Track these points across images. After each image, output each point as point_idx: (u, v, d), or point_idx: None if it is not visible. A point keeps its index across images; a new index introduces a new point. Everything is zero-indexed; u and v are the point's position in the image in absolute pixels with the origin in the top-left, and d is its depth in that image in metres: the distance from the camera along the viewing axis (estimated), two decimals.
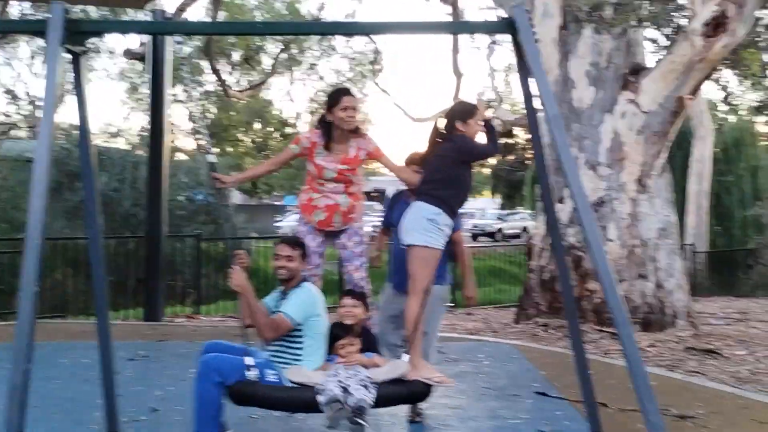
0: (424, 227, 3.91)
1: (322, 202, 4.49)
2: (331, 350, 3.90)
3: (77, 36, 3.64)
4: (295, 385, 3.73)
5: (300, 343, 3.85)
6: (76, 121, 3.95)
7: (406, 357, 3.87)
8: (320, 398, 3.55)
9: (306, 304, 3.90)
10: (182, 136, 38.65)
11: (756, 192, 20.99)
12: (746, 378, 6.36)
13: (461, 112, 4.14)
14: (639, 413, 3.31)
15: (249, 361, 3.70)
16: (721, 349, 7.57)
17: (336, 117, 4.40)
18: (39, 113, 3.70)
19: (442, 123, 4.21)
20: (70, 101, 15.93)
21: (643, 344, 7.59)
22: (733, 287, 17.49)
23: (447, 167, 4.01)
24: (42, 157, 3.29)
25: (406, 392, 3.81)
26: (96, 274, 4.09)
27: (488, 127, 4.12)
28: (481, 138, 4.14)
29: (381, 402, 3.68)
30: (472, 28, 4.62)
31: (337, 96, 4.47)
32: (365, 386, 3.58)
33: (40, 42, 23.90)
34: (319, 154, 4.48)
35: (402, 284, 4.17)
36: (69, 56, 3.70)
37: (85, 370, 5.92)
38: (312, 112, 35.01)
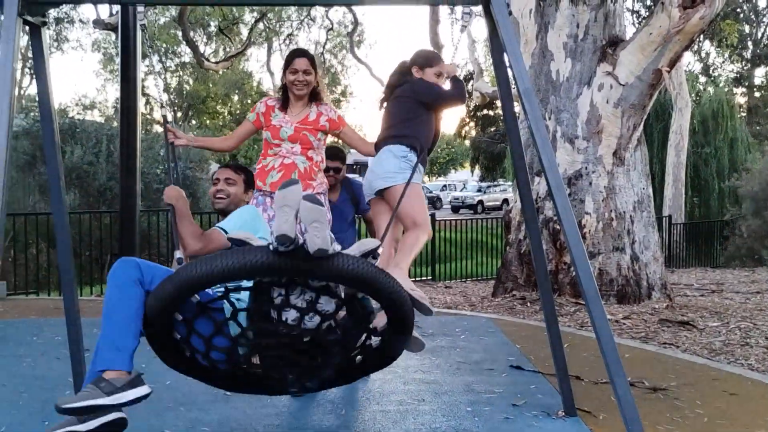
0: (399, 166, 3.64)
1: (277, 163, 4.21)
2: None
3: (35, 6, 3.53)
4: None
5: None
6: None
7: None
8: (272, 239, 2.52)
9: (247, 222, 3.26)
10: (159, 108, 38.18)
11: (733, 164, 21.16)
12: (719, 350, 6.42)
13: (420, 57, 3.99)
14: (611, 386, 3.32)
15: (178, 254, 3.10)
16: (695, 320, 7.63)
17: (287, 79, 4.23)
18: None
19: (401, 68, 4.03)
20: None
21: (618, 317, 7.64)
22: (710, 258, 17.70)
23: (405, 110, 3.80)
24: (1, 133, 3.20)
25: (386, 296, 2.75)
26: (62, 251, 4.01)
27: (455, 80, 3.97)
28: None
29: (355, 281, 2.66)
30: None
31: (288, 58, 4.28)
32: (323, 231, 2.56)
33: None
34: (275, 116, 4.28)
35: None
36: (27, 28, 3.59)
37: (57, 347, 5.85)
38: None
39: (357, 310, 2.78)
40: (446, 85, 4.00)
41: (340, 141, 4.77)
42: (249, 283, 2.72)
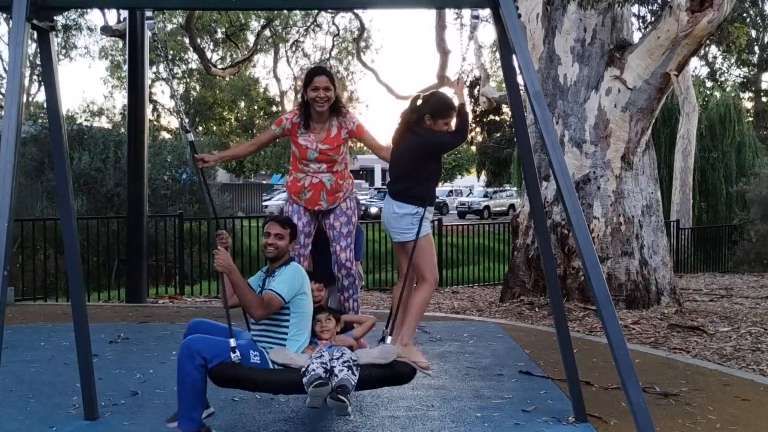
0: (411, 223, 4.00)
1: (308, 181, 4.50)
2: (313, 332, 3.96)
3: (44, 11, 3.53)
4: (278, 367, 3.72)
5: (286, 322, 3.86)
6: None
7: (389, 339, 3.84)
8: (304, 379, 3.54)
9: (293, 282, 3.87)
10: (166, 114, 38.26)
11: (741, 168, 21.03)
12: (730, 355, 6.37)
13: (435, 108, 4.04)
14: (622, 391, 3.29)
15: (232, 343, 3.67)
16: (705, 325, 7.58)
17: (308, 97, 4.40)
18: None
19: (414, 107, 4.10)
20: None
21: (627, 322, 7.59)
22: (718, 263, 17.60)
23: (416, 163, 4.02)
24: (9, 139, 3.19)
25: (392, 374, 3.79)
26: (70, 256, 4.00)
27: (462, 115, 4.03)
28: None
29: (364, 383, 3.69)
30: (453, 2, 4.52)
31: (308, 76, 4.45)
32: (349, 367, 3.60)
33: None
34: (301, 134, 4.49)
35: None
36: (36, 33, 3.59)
37: (65, 353, 5.84)
38: (297, 90, 34.78)
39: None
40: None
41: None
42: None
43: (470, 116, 4.23)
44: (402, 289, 4.02)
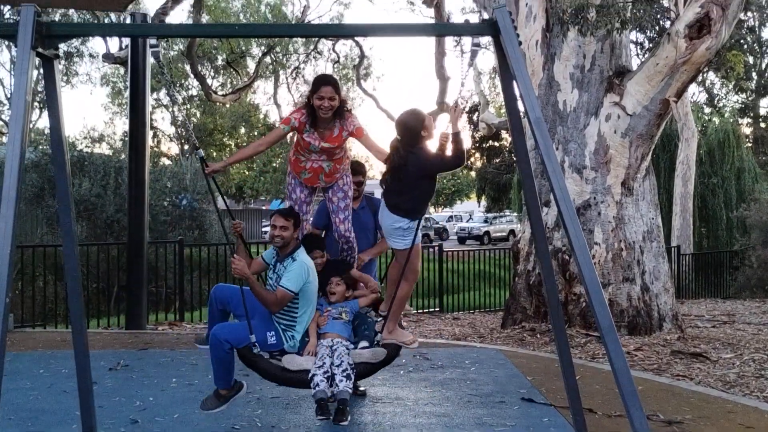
0: (402, 234, 4.39)
1: (308, 165, 4.90)
2: (322, 289, 4.61)
3: (49, 39, 3.55)
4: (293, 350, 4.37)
5: (296, 307, 4.38)
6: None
7: (380, 335, 4.43)
8: (311, 392, 4.13)
9: (300, 276, 4.36)
10: (166, 140, 38.36)
11: (741, 194, 21.05)
12: (733, 382, 6.32)
13: (418, 123, 4.30)
14: (626, 419, 3.25)
15: (252, 338, 4.22)
16: (708, 352, 7.54)
17: (314, 104, 4.67)
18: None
19: (404, 130, 4.35)
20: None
21: (629, 348, 7.55)
22: (720, 289, 17.53)
23: (410, 181, 4.28)
24: (13, 165, 3.20)
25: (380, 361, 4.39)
26: (71, 283, 3.98)
27: (457, 142, 4.12)
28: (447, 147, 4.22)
29: (359, 374, 4.33)
30: (454, 30, 4.57)
31: (315, 84, 4.74)
32: (347, 376, 4.16)
33: None
34: (306, 131, 4.78)
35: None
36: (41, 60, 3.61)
37: (64, 380, 5.81)
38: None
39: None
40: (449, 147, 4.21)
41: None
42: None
43: (467, 142, 4.39)
44: (399, 277, 4.40)
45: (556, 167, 3.52)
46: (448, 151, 4.18)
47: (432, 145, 4.33)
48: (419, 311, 12.32)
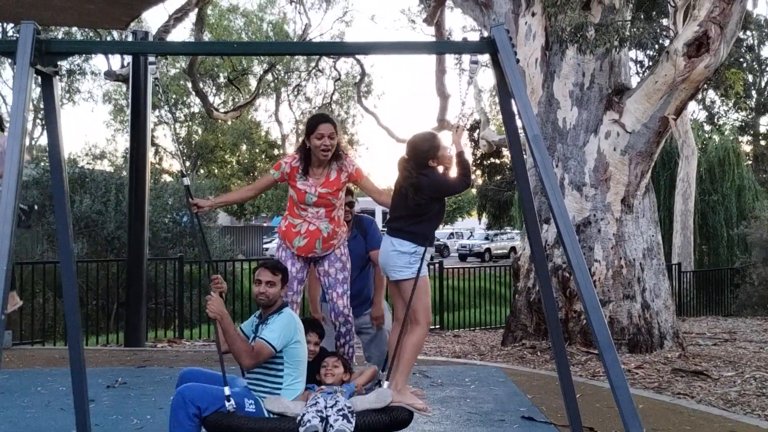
0: (408, 262, 3.98)
1: (303, 228, 4.37)
2: (312, 378, 3.90)
3: (48, 56, 3.56)
4: (273, 416, 3.66)
5: (280, 370, 3.77)
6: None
7: (386, 384, 3.79)
8: (300, 429, 3.47)
9: (286, 331, 3.78)
10: (168, 157, 38.47)
11: (741, 211, 21.05)
12: (735, 400, 6.28)
13: (435, 149, 4.10)
14: None
15: (227, 391, 3.59)
16: (709, 370, 7.50)
17: (313, 144, 4.30)
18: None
19: (413, 152, 4.14)
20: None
21: (630, 366, 7.52)
22: (721, 307, 17.49)
23: (421, 205, 4.02)
24: (10, 182, 3.20)
25: (388, 420, 3.70)
26: (68, 300, 3.97)
27: (462, 162, 4.05)
28: (452, 170, 4.10)
29: (362, 430, 3.59)
30: (453, 48, 4.60)
31: (312, 123, 4.36)
32: (345, 416, 3.52)
33: None
34: (300, 178, 4.36)
35: None
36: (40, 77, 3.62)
37: (61, 398, 5.77)
38: (299, 134, 35.08)
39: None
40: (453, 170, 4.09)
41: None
42: None
43: (470, 161, 4.22)
44: (399, 335, 3.95)
45: (555, 185, 3.52)
46: (453, 173, 4.07)
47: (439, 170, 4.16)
48: None
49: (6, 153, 3.22)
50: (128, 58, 13.33)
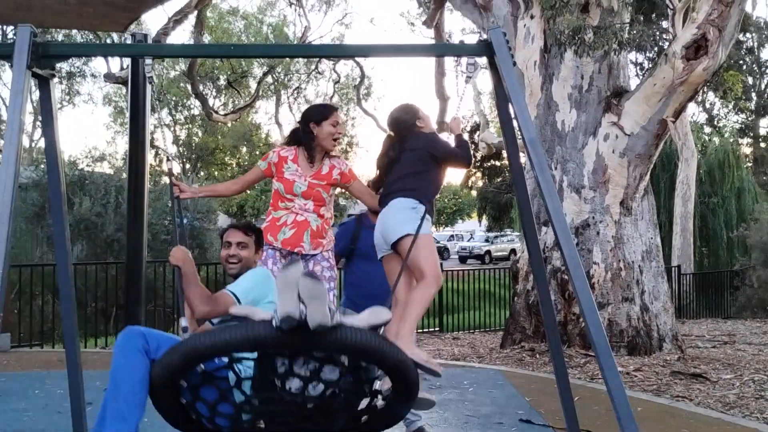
0: (410, 216, 3.58)
1: (290, 219, 4.11)
2: None
3: (45, 59, 3.56)
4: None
5: None
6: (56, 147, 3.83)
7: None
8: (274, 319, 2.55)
9: (257, 285, 3.27)
10: (166, 160, 38.46)
11: (741, 214, 21.04)
12: (733, 403, 6.27)
13: (413, 114, 4.01)
14: None
15: (183, 322, 3.10)
16: (708, 373, 7.49)
17: (323, 131, 4.13)
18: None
19: (398, 127, 4.01)
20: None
21: (629, 369, 7.51)
22: (720, 309, 17.47)
23: (417, 162, 3.78)
24: (6, 185, 3.19)
25: (386, 349, 2.71)
26: (64, 302, 3.97)
27: (460, 141, 3.95)
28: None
29: (357, 352, 2.67)
30: (451, 50, 4.59)
31: (325, 110, 4.25)
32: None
33: None
34: (288, 169, 4.17)
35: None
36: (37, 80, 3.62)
37: (59, 401, 5.76)
38: None
39: (361, 377, 2.77)
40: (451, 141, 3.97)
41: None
42: (253, 354, 2.73)
43: (469, 144, 4.05)
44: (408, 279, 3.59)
45: (551, 188, 3.52)
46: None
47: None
48: (419, 331, 12.26)
49: (2, 155, 3.22)
50: (127, 61, 13.32)
